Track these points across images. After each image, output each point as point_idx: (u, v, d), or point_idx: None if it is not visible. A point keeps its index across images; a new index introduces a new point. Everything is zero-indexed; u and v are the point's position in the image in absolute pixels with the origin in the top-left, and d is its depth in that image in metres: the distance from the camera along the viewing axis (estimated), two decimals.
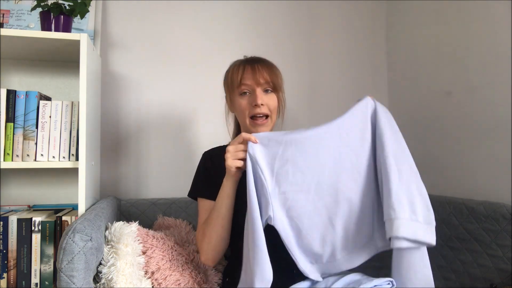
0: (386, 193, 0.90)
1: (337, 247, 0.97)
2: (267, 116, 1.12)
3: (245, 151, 0.98)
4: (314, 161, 0.96)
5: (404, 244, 0.86)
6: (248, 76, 1.10)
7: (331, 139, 0.97)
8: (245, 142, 0.99)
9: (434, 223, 0.88)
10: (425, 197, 0.91)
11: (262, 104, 1.09)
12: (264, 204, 0.95)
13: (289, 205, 0.96)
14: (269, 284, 0.90)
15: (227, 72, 1.19)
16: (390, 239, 0.88)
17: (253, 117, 1.12)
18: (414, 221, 0.87)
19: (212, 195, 1.13)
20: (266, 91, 1.12)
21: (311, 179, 0.96)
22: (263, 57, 1.19)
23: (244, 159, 0.98)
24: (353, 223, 0.96)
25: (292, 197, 0.96)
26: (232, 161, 0.99)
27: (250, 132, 1.12)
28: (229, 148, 1.00)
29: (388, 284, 0.94)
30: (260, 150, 0.97)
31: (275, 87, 1.13)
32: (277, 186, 0.96)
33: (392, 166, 0.91)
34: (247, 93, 1.12)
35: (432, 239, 0.87)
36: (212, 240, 1.06)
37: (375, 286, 0.92)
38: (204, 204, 1.15)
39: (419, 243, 0.87)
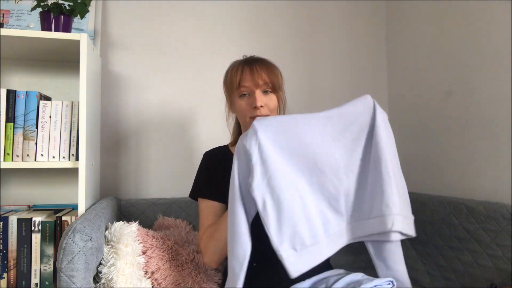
0: (379, 192, 0.94)
1: (317, 231, 0.92)
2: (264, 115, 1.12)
3: None
4: (304, 141, 0.95)
5: (398, 237, 0.93)
6: (247, 77, 1.10)
7: (326, 125, 0.99)
8: None
9: (413, 217, 0.97)
10: (406, 193, 0.98)
11: (261, 106, 1.09)
12: (244, 175, 0.93)
13: (270, 175, 0.91)
14: (245, 260, 0.88)
15: (227, 73, 1.19)
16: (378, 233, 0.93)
17: (253, 117, 1.12)
18: (402, 216, 0.93)
19: (214, 195, 1.12)
20: (265, 92, 1.12)
21: (298, 156, 0.95)
22: (263, 57, 1.19)
23: None
24: (326, 207, 0.95)
25: (274, 167, 0.92)
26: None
27: None
28: (242, 137, 0.99)
29: (389, 284, 0.94)
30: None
31: (274, 87, 1.13)
32: (261, 155, 0.92)
33: (389, 170, 0.94)
34: (247, 95, 1.12)
35: (413, 232, 0.96)
36: (221, 245, 1.04)
37: (375, 286, 0.92)
38: (206, 204, 1.14)
39: (405, 235, 0.95)
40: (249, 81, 1.10)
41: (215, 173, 1.16)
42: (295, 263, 0.89)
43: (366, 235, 0.96)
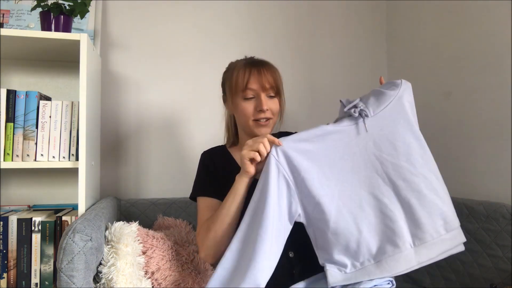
0: (445, 205, 0.93)
1: (365, 255, 0.91)
2: (268, 118, 1.13)
3: (263, 145, 0.96)
4: (339, 165, 0.95)
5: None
6: (254, 80, 1.10)
7: (358, 141, 0.96)
8: (266, 141, 0.97)
9: (457, 226, 0.94)
10: (449, 203, 0.96)
11: (267, 109, 1.10)
12: (292, 204, 0.95)
13: (313, 209, 0.94)
14: None
15: (229, 73, 1.17)
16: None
17: (257, 120, 1.12)
18: (442, 235, 0.93)
19: (213, 193, 1.13)
20: (269, 96, 1.13)
21: (335, 184, 0.95)
22: (265, 59, 1.18)
23: (260, 155, 0.96)
24: (380, 231, 0.92)
25: (317, 201, 0.93)
26: (247, 152, 0.97)
27: (252, 133, 1.13)
28: (248, 142, 0.99)
29: (388, 284, 0.94)
30: (285, 154, 0.95)
31: (278, 92, 1.14)
32: (303, 190, 0.94)
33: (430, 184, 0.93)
34: (252, 98, 1.11)
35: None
36: (218, 237, 1.04)
37: (375, 286, 0.92)
38: (205, 202, 1.14)
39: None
40: (256, 84, 1.10)
41: (214, 172, 1.16)
42: (338, 278, 0.92)
43: (437, 256, 0.91)
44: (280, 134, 1.28)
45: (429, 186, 0.93)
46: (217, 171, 1.16)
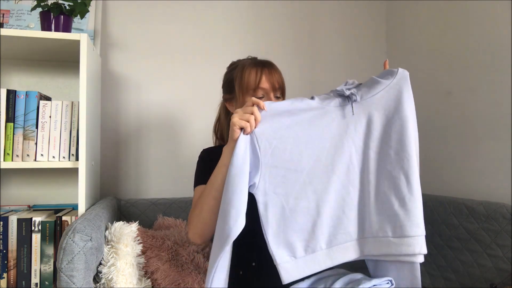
0: (403, 209, 0.89)
1: (319, 239, 0.90)
2: None
3: (253, 117, 0.93)
4: (316, 143, 0.93)
5: (422, 258, 0.89)
6: (266, 80, 1.10)
7: (340, 124, 0.94)
8: (254, 106, 0.94)
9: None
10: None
11: None
12: (252, 171, 0.91)
13: (278, 181, 0.91)
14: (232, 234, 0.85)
15: (238, 71, 1.14)
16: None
17: None
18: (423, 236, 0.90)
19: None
20: (276, 96, 1.13)
21: (307, 160, 0.92)
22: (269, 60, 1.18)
23: (250, 126, 0.93)
24: (337, 217, 0.92)
25: (283, 173, 0.91)
26: (238, 120, 0.93)
27: None
28: (237, 110, 0.95)
29: (388, 283, 0.94)
30: (264, 119, 0.93)
31: (283, 93, 1.15)
32: (271, 159, 0.92)
33: (416, 183, 0.90)
34: (263, 98, 1.11)
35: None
36: (203, 212, 0.99)
37: (374, 285, 0.92)
38: (200, 188, 1.09)
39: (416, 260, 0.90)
40: (267, 83, 1.10)
41: (212, 166, 1.15)
42: (289, 269, 0.89)
43: (381, 254, 0.90)
44: None
45: (393, 186, 0.90)
46: (214, 167, 1.15)
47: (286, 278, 0.89)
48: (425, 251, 0.88)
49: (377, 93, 0.94)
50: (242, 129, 0.93)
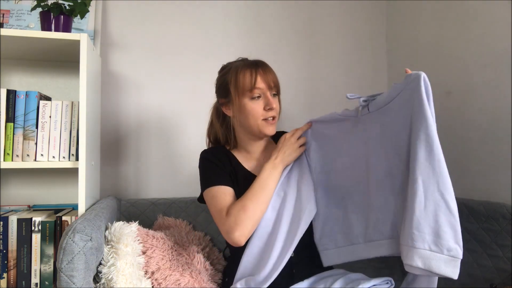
0: (408, 218, 0.87)
1: (357, 234, 1.06)
2: (274, 117, 1.15)
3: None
4: (352, 151, 1.07)
5: (417, 271, 0.86)
6: (261, 79, 1.11)
7: (374, 130, 1.03)
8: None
9: (460, 257, 0.83)
10: (455, 229, 0.84)
11: (274, 107, 1.12)
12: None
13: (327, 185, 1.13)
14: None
15: (232, 75, 1.14)
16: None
17: (266, 119, 1.13)
18: (434, 252, 0.84)
19: (225, 181, 1.11)
20: (273, 94, 1.15)
21: (349, 166, 1.08)
22: (261, 59, 1.19)
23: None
24: (374, 219, 1.03)
25: (331, 179, 1.12)
26: (298, 149, 1.13)
27: (260, 133, 1.14)
28: (292, 139, 1.14)
29: (387, 283, 0.94)
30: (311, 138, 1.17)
31: (278, 90, 1.17)
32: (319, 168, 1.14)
33: (419, 190, 0.87)
34: (260, 97, 1.12)
35: (453, 273, 0.83)
36: (256, 215, 1.03)
37: (373, 285, 0.92)
38: (219, 189, 1.10)
39: (435, 274, 0.84)
40: (263, 83, 1.11)
41: (221, 166, 1.15)
42: (330, 255, 1.11)
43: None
44: (278, 134, 1.27)
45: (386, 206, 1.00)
46: (223, 165, 1.16)
47: (326, 262, 1.11)
48: (416, 263, 0.85)
49: (390, 101, 0.97)
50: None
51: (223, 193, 1.09)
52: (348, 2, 1.86)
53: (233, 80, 1.14)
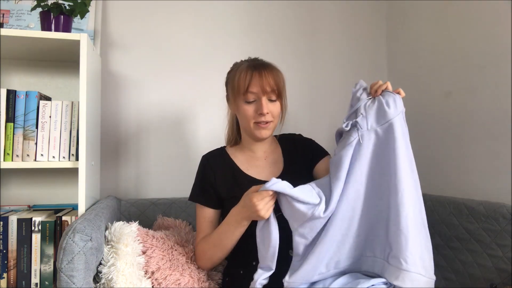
0: (398, 241, 0.92)
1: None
2: (268, 122, 1.14)
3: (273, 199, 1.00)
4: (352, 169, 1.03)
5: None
6: (255, 83, 1.10)
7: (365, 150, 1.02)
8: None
9: (434, 278, 0.94)
10: (430, 252, 0.95)
11: (267, 113, 1.11)
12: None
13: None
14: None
15: (232, 74, 1.17)
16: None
17: (258, 123, 1.13)
18: (422, 276, 0.91)
19: (211, 203, 1.17)
20: (270, 99, 1.13)
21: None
22: (269, 61, 1.18)
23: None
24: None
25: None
26: (266, 212, 0.98)
27: (253, 135, 1.15)
28: (260, 204, 0.98)
29: (385, 284, 0.94)
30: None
31: (279, 95, 1.14)
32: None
33: (410, 215, 0.93)
34: (253, 101, 1.12)
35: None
36: (214, 260, 1.14)
37: (372, 285, 0.92)
38: (203, 211, 1.18)
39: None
40: (257, 87, 1.10)
41: (214, 180, 1.17)
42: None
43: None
44: (281, 137, 1.28)
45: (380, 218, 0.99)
46: (217, 179, 1.17)
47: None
48: (407, 285, 0.90)
49: (382, 124, 1.00)
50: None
51: (203, 217, 1.18)
52: (348, 2, 1.86)
53: (231, 81, 1.17)
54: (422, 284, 0.90)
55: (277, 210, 1.01)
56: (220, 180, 1.17)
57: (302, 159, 1.23)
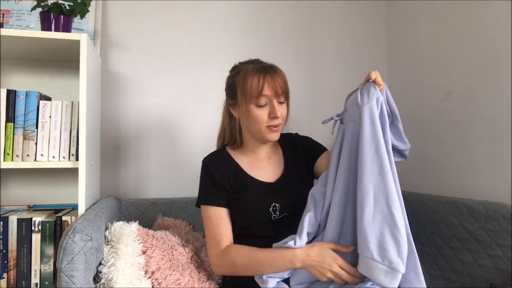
0: (358, 226, 0.94)
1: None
2: (279, 124, 1.14)
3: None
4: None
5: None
6: (268, 86, 1.09)
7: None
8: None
9: (401, 271, 0.87)
10: (399, 243, 0.88)
11: (280, 115, 1.11)
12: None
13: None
14: None
15: (240, 78, 1.13)
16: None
17: (270, 126, 1.12)
18: (376, 262, 0.88)
19: (224, 203, 1.14)
20: (280, 102, 1.13)
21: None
22: (272, 63, 1.17)
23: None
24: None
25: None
26: (327, 278, 0.98)
27: (263, 138, 1.15)
28: (336, 269, 0.97)
29: None
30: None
31: (287, 97, 1.15)
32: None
33: (370, 201, 0.92)
34: (265, 104, 1.11)
35: (391, 284, 0.87)
36: (237, 273, 1.08)
37: (371, 285, 0.92)
38: (218, 213, 1.13)
39: (375, 283, 0.90)
40: (270, 90, 1.09)
41: (219, 180, 1.15)
42: None
43: None
44: (283, 137, 1.27)
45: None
46: (222, 179, 1.15)
47: None
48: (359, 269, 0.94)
49: (358, 113, 1.03)
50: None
51: (219, 218, 1.12)
52: (348, 2, 1.86)
53: (240, 85, 1.12)
54: (379, 272, 0.87)
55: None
56: (227, 180, 1.16)
57: (302, 158, 1.23)
